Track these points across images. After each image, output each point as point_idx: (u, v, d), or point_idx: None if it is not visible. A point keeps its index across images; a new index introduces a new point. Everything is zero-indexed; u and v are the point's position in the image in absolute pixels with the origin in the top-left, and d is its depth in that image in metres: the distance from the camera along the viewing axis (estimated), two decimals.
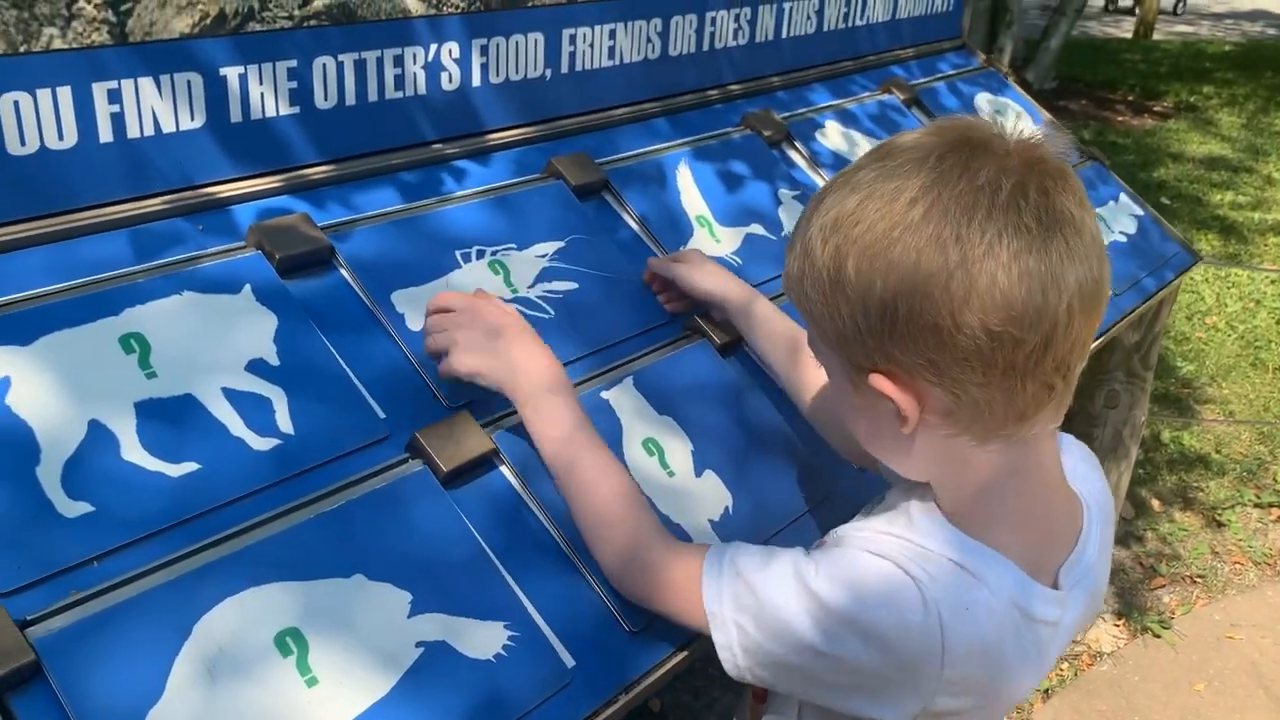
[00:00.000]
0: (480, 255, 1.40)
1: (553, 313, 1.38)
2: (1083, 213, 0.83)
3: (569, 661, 1.07)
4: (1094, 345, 1.98)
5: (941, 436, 0.89)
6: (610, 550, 1.10)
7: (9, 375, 1.02)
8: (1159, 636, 2.94)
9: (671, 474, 1.28)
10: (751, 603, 0.94)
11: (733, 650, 0.96)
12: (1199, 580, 3.20)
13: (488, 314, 1.18)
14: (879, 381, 0.87)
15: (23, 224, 1.13)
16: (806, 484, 1.38)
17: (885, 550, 0.91)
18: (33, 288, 1.10)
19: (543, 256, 1.44)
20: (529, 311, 1.36)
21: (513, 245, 1.43)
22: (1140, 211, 2.37)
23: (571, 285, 1.43)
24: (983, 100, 2.40)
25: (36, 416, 1.01)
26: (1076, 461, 1.02)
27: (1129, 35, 12.98)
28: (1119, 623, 2.99)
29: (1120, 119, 8.25)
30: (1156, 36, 12.75)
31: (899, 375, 0.86)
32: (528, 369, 1.15)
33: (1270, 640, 2.95)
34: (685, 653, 1.14)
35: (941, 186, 0.82)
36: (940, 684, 0.88)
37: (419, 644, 1.01)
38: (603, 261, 1.48)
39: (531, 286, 1.40)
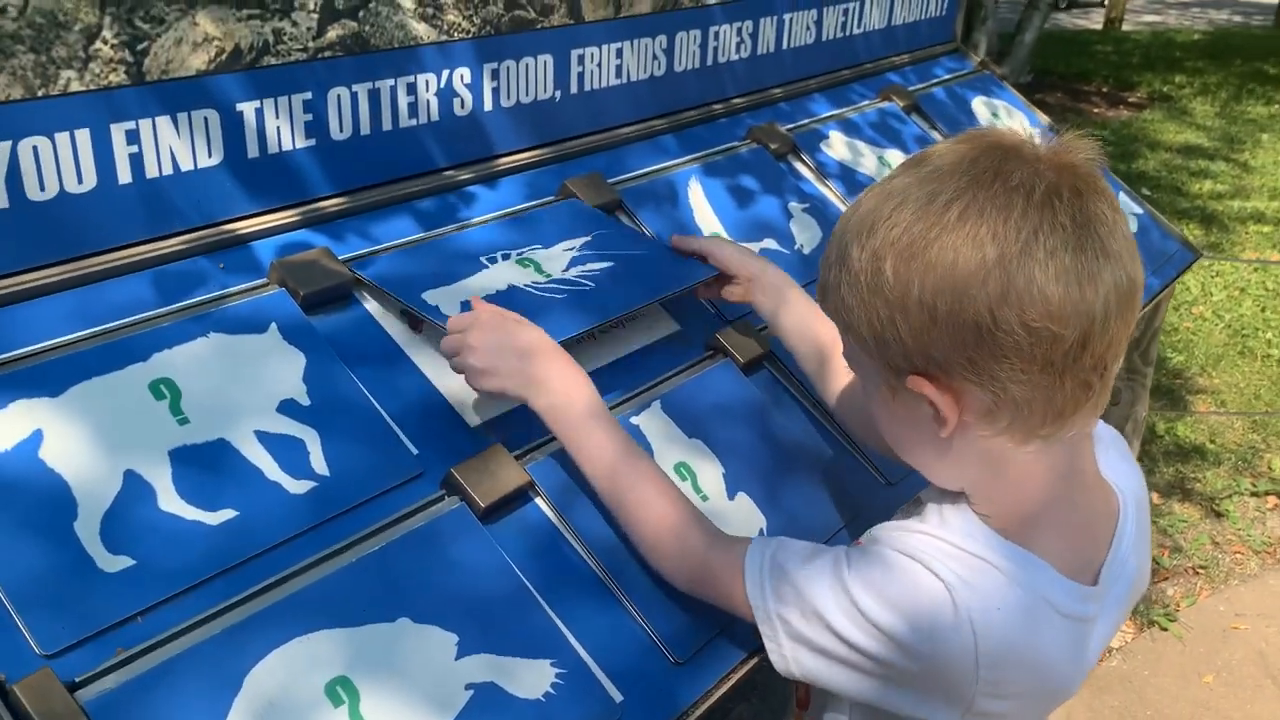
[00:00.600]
0: (506, 257, 1.38)
1: (593, 284, 1.36)
2: (1115, 214, 0.85)
3: (617, 697, 1.06)
4: None
5: (980, 439, 0.89)
6: (667, 559, 1.11)
7: (41, 428, 1.00)
8: (1165, 630, 2.96)
9: (705, 498, 1.27)
10: (793, 597, 0.96)
11: (778, 642, 0.97)
12: (1201, 571, 3.22)
13: (516, 333, 1.16)
14: (918, 383, 0.87)
15: (45, 270, 1.11)
16: (837, 501, 1.38)
17: (916, 551, 0.91)
18: (59, 335, 1.08)
19: (570, 249, 1.43)
20: (568, 289, 1.34)
21: (538, 245, 1.42)
22: (1139, 210, 2.38)
23: (607, 264, 1.41)
24: (979, 104, 2.41)
25: (71, 469, 0.99)
26: (1108, 449, 1.02)
27: (1098, 27, 13.08)
28: None
29: (1096, 110, 8.31)
30: (1125, 27, 12.86)
31: (938, 376, 0.87)
32: (570, 395, 1.13)
33: (1275, 629, 2.97)
34: (731, 681, 1.13)
35: (977, 189, 0.83)
36: (978, 685, 0.88)
37: (468, 686, 1.00)
38: (633, 244, 1.48)
39: (566, 270, 1.38)
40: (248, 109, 1.24)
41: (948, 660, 0.88)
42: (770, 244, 1.70)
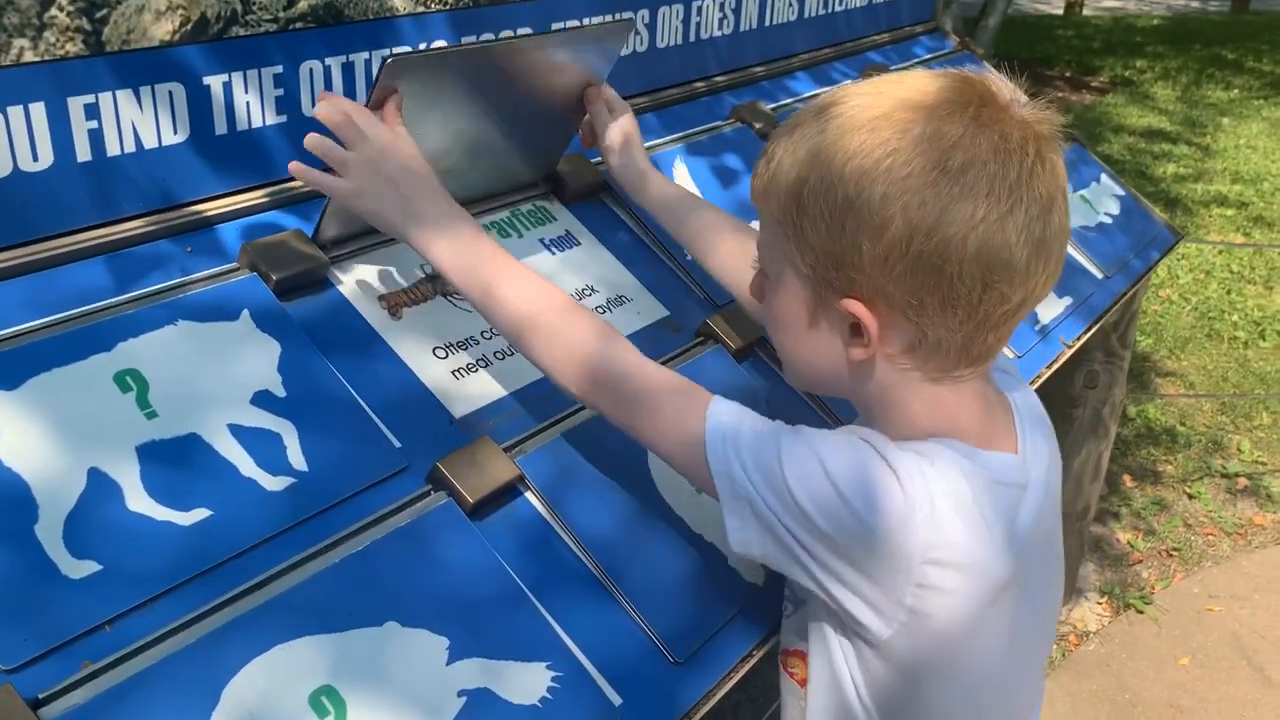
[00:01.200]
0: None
1: None
2: (1066, 188, 0.89)
3: (615, 699, 1.01)
4: (1086, 332, 1.97)
5: (896, 370, 0.91)
6: (579, 372, 1.03)
7: None
8: (1141, 612, 2.96)
9: (699, 490, 1.22)
10: (770, 448, 0.93)
11: (731, 477, 0.93)
12: (1175, 554, 3.23)
13: (391, 155, 1.05)
14: (853, 306, 0.88)
15: None
16: None
17: (850, 431, 0.93)
18: (16, 324, 1.01)
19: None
20: None
21: None
22: (1121, 192, 2.36)
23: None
24: None
25: (31, 468, 0.92)
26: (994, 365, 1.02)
27: (1059, 12, 13.16)
28: (1101, 600, 3.00)
29: (1060, 95, 8.34)
30: (1086, 12, 12.95)
31: (877, 305, 0.87)
32: (455, 231, 1.06)
33: (1248, 611, 2.99)
34: (735, 679, 1.09)
35: (983, 140, 0.84)
36: (924, 551, 0.85)
37: (460, 693, 0.95)
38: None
39: None
40: (215, 82, 1.17)
41: (887, 521, 0.85)
42: (757, 225, 1.65)
